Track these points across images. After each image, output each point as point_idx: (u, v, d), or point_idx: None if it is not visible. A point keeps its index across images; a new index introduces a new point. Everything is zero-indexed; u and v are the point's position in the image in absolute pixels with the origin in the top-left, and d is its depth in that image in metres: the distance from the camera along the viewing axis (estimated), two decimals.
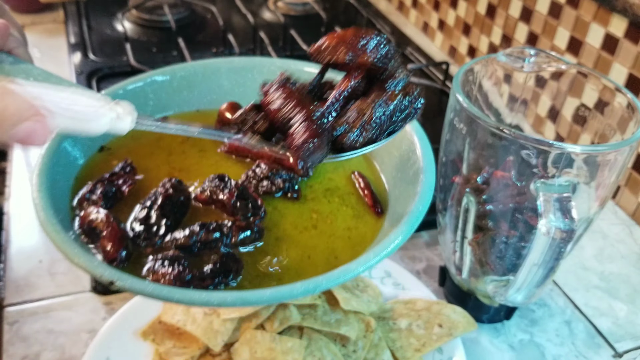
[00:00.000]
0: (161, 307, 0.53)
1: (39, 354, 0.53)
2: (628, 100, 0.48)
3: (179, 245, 0.43)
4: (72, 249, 0.38)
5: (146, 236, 0.43)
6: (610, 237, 0.73)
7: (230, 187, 0.46)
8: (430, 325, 0.53)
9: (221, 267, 0.42)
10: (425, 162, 0.47)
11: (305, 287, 0.38)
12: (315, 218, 0.48)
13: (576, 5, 0.81)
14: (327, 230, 0.47)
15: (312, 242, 0.45)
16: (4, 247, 0.63)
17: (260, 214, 0.46)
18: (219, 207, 0.47)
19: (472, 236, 0.51)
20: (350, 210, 0.49)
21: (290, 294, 0.38)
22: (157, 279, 0.40)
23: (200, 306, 0.49)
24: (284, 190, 0.48)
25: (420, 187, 0.45)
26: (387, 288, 0.58)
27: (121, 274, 0.37)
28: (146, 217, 0.44)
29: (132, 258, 0.42)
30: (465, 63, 0.53)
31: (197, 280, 0.41)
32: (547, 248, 0.43)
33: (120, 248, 0.41)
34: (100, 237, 0.42)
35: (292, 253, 0.44)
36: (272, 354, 0.48)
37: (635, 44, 0.72)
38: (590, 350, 0.58)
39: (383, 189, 0.51)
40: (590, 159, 0.44)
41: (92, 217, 0.43)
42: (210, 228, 0.43)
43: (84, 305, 0.58)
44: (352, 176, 0.51)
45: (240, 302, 0.37)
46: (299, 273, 0.43)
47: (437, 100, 0.97)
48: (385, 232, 0.45)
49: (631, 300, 0.64)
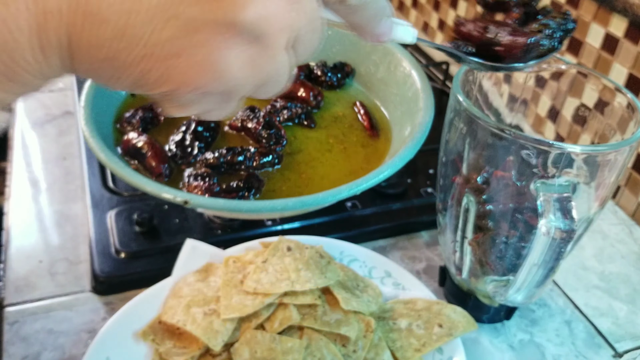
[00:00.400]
0: (161, 307, 0.53)
1: (39, 353, 0.53)
2: (628, 100, 0.48)
3: (209, 164, 0.50)
4: (130, 173, 0.45)
5: (182, 156, 0.51)
6: (611, 237, 0.73)
7: (259, 117, 0.54)
8: (431, 325, 0.53)
9: (245, 184, 0.49)
10: (422, 83, 0.56)
11: (329, 195, 0.45)
12: (331, 142, 0.57)
13: (576, 5, 0.81)
14: (342, 152, 0.55)
15: (330, 163, 0.54)
16: (3, 247, 0.63)
17: (281, 142, 0.54)
18: (248, 134, 0.55)
19: (472, 236, 0.51)
20: (360, 133, 0.57)
21: (315, 201, 0.46)
22: (190, 190, 0.49)
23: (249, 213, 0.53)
24: (301, 117, 0.57)
25: (422, 102, 0.54)
26: (387, 288, 0.58)
27: (192, 195, 0.44)
28: (182, 139, 0.52)
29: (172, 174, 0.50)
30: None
31: (224, 193, 0.49)
32: (547, 248, 0.43)
33: (164, 164, 0.49)
34: (145, 156, 0.49)
35: (313, 172, 0.53)
36: (272, 354, 0.48)
37: (636, 44, 0.72)
38: (590, 350, 0.58)
39: (383, 115, 0.60)
40: (590, 159, 0.44)
41: (135, 141, 0.50)
42: (236, 152, 0.51)
43: (84, 305, 0.58)
44: (355, 106, 0.60)
45: (279, 207, 0.46)
46: (321, 189, 0.49)
47: (437, 100, 0.97)
48: (396, 149, 0.53)
49: (631, 300, 0.64)
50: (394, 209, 0.71)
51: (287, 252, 0.55)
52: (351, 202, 0.70)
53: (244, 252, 0.58)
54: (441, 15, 1.16)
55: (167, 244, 0.62)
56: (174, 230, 0.64)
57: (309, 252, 0.55)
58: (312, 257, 0.54)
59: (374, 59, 0.63)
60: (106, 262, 0.60)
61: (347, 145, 0.55)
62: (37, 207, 0.69)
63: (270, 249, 0.55)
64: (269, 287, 0.51)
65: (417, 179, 0.75)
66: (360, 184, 0.47)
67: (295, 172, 0.52)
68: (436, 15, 1.18)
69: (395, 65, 0.60)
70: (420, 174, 0.77)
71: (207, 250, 0.58)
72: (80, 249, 0.64)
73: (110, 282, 0.59)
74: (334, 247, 0.61)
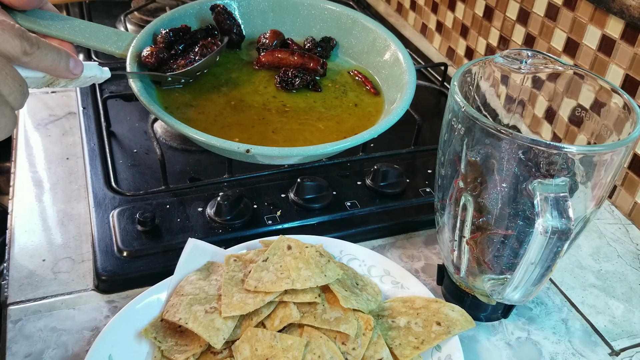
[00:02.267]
0: (163, 305, 0.54)
1: (42, 351, 0.53)
2: (624, 101, 0.49)
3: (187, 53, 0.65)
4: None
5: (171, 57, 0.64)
6: (607, 236, 0.74)
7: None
8: (429, 323, 0.53)
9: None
10: (400, 49, 0.68)
11: (338, 144, 0.56)
12: (340, 99, 0.67)
13: (573, 7, 0.82)
14: (346, 109, 0.66)
15: (337, 118, 0.64)
16: (7, 246, 0.64)
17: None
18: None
19: (470, 235, 0.52)
20: (357, 93, 0.68)
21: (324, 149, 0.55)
22: (178, 66, 0.62)
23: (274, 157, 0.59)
24: (309, 83, 0.67)
25: (404, 65, 0.66)
26: (386, 286, 0.58)
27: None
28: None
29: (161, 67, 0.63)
30: (463, 64, 0.53)
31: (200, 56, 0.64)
32: (544, 247, 0.44)
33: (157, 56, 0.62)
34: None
35: (321, 124, 0.63)
36: (272, 352, 0.49)
37: (632, 46, 0.73)
38: (587, 349, 0.59)
39: (374, 79, 0.71)
40: (587, 159, 0.45)
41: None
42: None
43: (87, 304, 0.58)
44: (351, 72, 0.71)
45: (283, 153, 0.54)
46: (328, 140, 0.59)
47: (435, 101, 0.98)
48: (391, 103, 0.65)
49: (627, 298, 0.65)
50: (393, 208, 0.71)
51: (288, 251, 0.55)
52: (350, 202, 0.71)
53: (245, 251, 0.59)
54: (439, 18, 1.17)
55: (169, 243, 0.63)
56: (176, 230, 0.65)
57: (309, 251, 0.55)
58: (312, 256, 0.55)
59: (354, 33, 0.73)
60: (109, 261, 0.60)
61: (358, 101, 0.67)
62: (40, 206, 0.69)
63: (271, 247, 0.56)
64: (269, 285, 0.52)
65: (416, 178, 0.76)
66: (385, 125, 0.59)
67: (310, 124, 0.63)
68: (434, 17, 1.19)
69: (374, 38, 0.71)
70: (419, 174, 0.77)
71: (209, 249, 0.59)
72: (83, 248, 0.64)
73: (112, 281, 0.59)
74: (334, 246, 0.61)
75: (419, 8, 1.24)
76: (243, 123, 0.61)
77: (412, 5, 1.27)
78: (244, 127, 0.61)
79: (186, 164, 0.76)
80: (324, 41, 0.73)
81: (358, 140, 0.57)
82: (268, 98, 0.65)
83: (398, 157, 0.80)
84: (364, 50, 0.72)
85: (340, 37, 0.73)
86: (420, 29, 1.25)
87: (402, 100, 0.62)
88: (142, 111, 0.84)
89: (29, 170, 0.75)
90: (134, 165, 0.75)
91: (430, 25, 1.21)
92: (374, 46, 0.71)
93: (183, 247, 0.58)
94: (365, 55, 0.72)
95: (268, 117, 0.63)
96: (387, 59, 0.69)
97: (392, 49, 0.69)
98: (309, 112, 0.64)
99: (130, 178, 0.73)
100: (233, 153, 0.55)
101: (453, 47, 1.14)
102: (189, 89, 0.64)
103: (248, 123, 0.61)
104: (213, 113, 0.62)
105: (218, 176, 0.74)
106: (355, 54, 0.73)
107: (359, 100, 0.67)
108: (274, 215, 0.68)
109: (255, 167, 0.75)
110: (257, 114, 0.63)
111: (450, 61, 1.15)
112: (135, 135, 0.81)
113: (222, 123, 0.61)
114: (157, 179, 0.71)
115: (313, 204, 0.70)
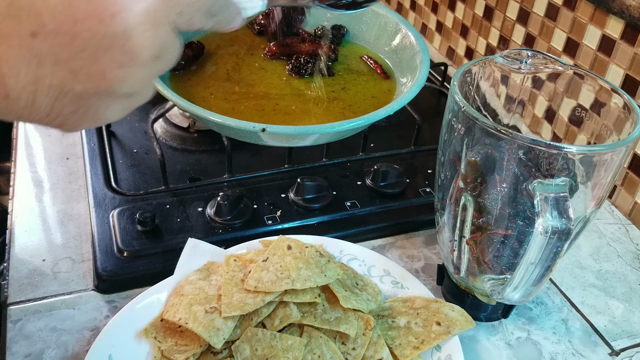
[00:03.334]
0: (163, 305, 0.54)
1: (42, 351, 0.53)
2: (624, 101, 0.49)
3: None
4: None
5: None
6: (607, 236, 0.74)
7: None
8: (429, 323, 0.53)
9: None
10: (412, 31, 0.70)
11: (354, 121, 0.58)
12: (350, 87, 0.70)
13: (573, 7, 0.82)
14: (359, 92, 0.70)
15: (350, 101, 0.68)
16: (7, 246, 0.64)
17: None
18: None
19: (470, 235, 0.52)
20: (369, 77, 0.72)
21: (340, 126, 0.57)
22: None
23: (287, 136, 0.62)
24: (321, 69, 0.71)
25: (417, 46, 0.69)
26: (386, 286, 0.59)
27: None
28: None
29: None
30: (463, 64, 0.53)
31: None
32: (544, 247, 0.44)
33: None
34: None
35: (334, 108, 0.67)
36: (272, 352, 0.49)
37: (632, 46, 0.73)
38: (587, 349, 0.59)
39: (385, 63, 0.75)
40: (587, 159, 0.45)
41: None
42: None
43: (87, 304, 0.58)
44: (363, 57, 0.75)
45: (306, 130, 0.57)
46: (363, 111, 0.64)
47: (435, 101, 0.98)
48: (402, 85, 0.69)
49: (627, 298, 0.65)
50: (393, 208, 0.71)
51: (288, 251, 0.55)
52: (350, 202, 0.71)
53: (245, 251, 0.59)
54: (439, 18, 1.17)
55: (168, 243, 0.63)
56: (176, 230, 0.65)
57: (309, 250, 0.55)
58: (312, 255, 0.55)
59: (365, 19, 0.76)
60: (109, 261, 0.61)
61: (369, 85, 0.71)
62: (40, 206, 0.69)
63: (271, 247, 0.56)
64: (269, 285, 0.52)
65: (416, 178, 0.76)
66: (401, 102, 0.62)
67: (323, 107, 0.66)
68: (434, 17, 1.19)
69: (385, 22, 0.74)
70: (419, 174, 0.77)
71: (209, 249, 0.59)
72: (83, 247, 0.64)
73: (112, 281, 0.59)
74: (334, 246, 0.61)
75: (419, 8, 1.24)
76: (257, 109, 0.64)
77: (412, 5, 1.27)
78: (258, 113, 0.63)
79: (186, 164, 0.76)
80: (335, 29, 0.76)
81: (374, 117, 0.59)
82: (280, 84, 0.68)
83: (398, 157, 0.80)
84: (375, 35, 0.76)
85: (351, 25, 0.77)
86: (420, 29, 1.25)
87: (417, 78, 0.64)
88: (142, 111, 0.84)
89: (29, 170, 0.75)
90: (134, 165, 0.75)
91: (430, 25, 1.21)
92: (385, 31, 0.74)
93: (183, 247, 0.58)
94: (376, 41, 0.76)
95: (281, 103, 0.65)
96: (398, 42, 0.73)
97: (403, 31, 0.72)
98: (322, 96, 0.67)
99: (130, 178, 0.73)
100: (249, 134, 0.56)
101: (453, 47, 1.14)
102: (199, 77, 0.67)
103: (261, 109, 0.64)
104: (226, 100, 0.64)
105: (218, 176, 0.74)
106: (366, 39, 0.77)
107: (371, 85, 0.70)
108: (274, 215, 0.68)
109: (255, 167, 0.75)
110: (270, 100, 0.65)
111: (450, 61, 1.15)
112: (135, 135, 0.81)
113: (237, 110, 0.63)
114: (157, 179, 0.71)
115: (313, 204, 0.70)
